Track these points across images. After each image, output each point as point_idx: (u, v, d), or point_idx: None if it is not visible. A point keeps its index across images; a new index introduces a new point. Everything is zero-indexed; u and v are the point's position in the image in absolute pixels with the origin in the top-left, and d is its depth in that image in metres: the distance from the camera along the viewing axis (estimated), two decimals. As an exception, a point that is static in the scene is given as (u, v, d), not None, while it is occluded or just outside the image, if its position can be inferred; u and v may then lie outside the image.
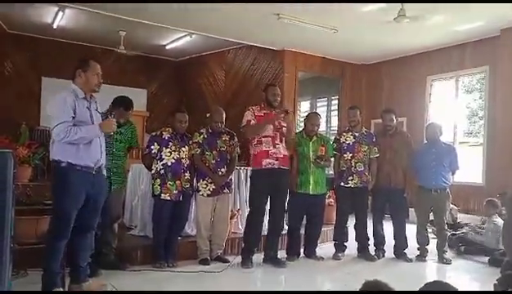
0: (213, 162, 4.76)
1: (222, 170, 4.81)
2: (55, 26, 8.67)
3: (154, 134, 4.75)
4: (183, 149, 4.66)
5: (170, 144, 4.61)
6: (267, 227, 5.00)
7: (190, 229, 5.15)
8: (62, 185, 3.32)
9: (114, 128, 3.67)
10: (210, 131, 4.84)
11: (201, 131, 4.84)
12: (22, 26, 8.95)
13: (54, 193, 3.41)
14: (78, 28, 8.88)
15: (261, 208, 4.73)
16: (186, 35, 8.92)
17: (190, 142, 4.76)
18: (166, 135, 4.64)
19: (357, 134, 5.33)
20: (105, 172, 3.67)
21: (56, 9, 7.75)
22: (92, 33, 9.22)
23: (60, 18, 8.20)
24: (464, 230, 6.34)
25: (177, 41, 9.54)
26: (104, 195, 3.71)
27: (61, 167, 3.31)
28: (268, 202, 4.80)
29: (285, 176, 4.76)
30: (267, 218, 4.95)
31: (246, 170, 5.54)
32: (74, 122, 3.29)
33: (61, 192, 3.33)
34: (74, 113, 3.32)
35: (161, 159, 4.58)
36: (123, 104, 4.34)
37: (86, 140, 3.36)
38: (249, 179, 5.42)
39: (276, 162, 4.64)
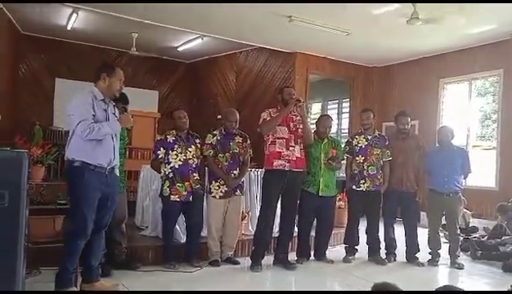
0: (226, 164, 4.78)
1: (235, 172, 4.82)
2: (69, 28, 8.76)
3: (159, 138, 4.77)
4: (189, 149, 4.68)
5: (176, 146, 4.62)
6: (277, 229, 5.00)
7: (200, 230, 5.17)
8: (78, 185, 3.36)
9: (132, 122, 3.74)
10: (224, 132, 4.85)
11: (214, 132, 4.86)
12: (36, 28, 9.04)
13: (71, 193, 3.46)
14: (91, 29, 8.97)
15: (270, 208, 4.72)
16: (197, 37, 8.95)
17: (198, 141, 4.76)
18: (171, 139, 4.65)
19: (369, 137, 5.30)
20: (117, 172, 3.69)
21: (70, 11, 7.82)
22: (104, 34, 9.30)
23: (74, 20, 8.26)
24: (482, 234, 6.23)
25: (188, 43, 9.57)
26: (117, 194, 3.74)
27: (75, 167, 3.36)
28: (279, 204, 4.80)
29: (297, 179, 4.73)
30: (277, 220, 4.95)
31: (257, 171, 5.55)
32: (94, 120, 3.36)
33: (78, 192, 3.37)
34: (94, 112, 3.39)
35: (169, 163, 4.61)
36: (123, 99, 4.18)
37: (108, 135, 3.43)
38: (260, 180, 5.43)
39: (287, 164, 4.63)
